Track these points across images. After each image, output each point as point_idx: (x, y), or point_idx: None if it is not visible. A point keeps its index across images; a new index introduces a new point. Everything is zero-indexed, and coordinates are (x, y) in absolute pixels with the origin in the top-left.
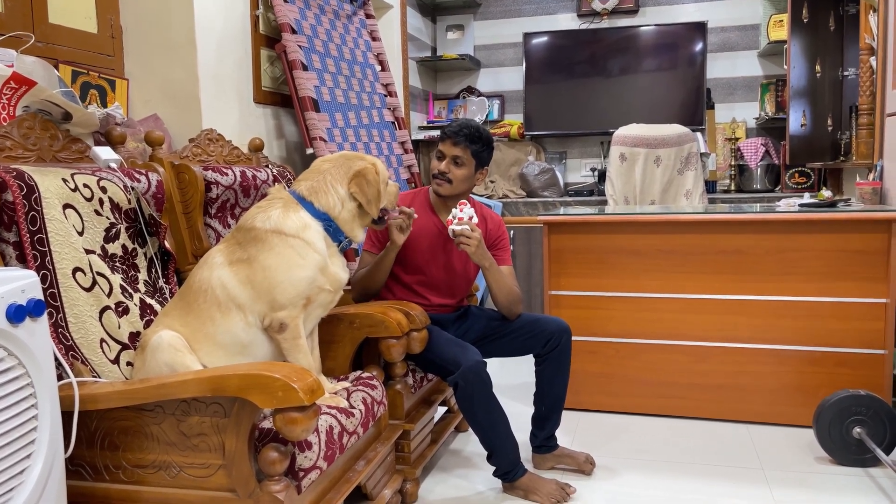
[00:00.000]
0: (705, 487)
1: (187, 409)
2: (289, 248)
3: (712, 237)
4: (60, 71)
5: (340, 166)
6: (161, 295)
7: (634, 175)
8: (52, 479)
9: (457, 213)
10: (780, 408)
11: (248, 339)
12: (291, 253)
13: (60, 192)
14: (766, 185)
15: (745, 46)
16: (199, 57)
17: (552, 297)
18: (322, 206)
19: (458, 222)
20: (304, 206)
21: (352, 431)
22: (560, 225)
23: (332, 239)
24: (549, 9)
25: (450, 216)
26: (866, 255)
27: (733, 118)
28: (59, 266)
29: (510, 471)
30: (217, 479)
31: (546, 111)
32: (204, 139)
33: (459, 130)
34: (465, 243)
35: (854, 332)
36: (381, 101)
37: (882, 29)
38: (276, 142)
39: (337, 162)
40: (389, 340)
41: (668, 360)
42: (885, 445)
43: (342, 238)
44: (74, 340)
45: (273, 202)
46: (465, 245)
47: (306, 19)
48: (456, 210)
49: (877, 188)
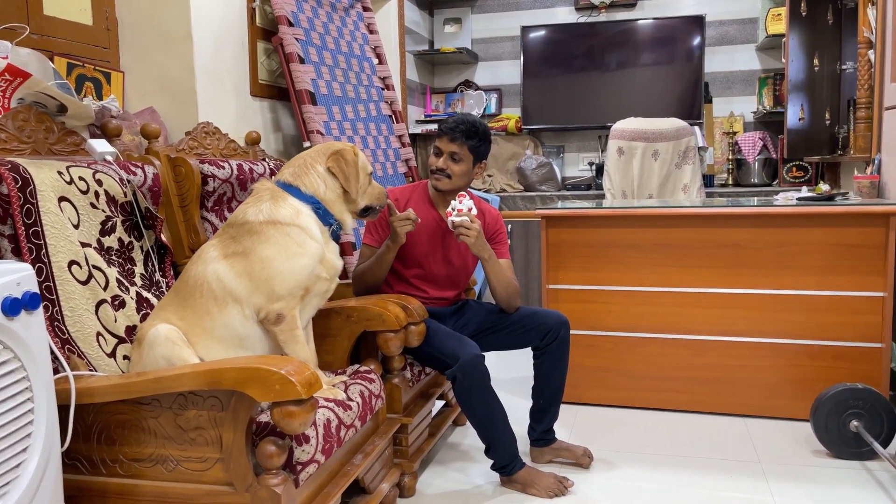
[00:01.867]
0: (703, 481)
1: (184, 402)
2: (286, 236)
3: (710, 231)
4: (55, 63)
5: (319, 150)
6: (158, 288)
7: (632, 169)
8: (48, 472)
9: (455, 204)
10: (778, 401)
11: (245, 332)
12: (289, 241)
13: (56, 184)
14: (763, 179)
15: (743, 40)
16: (195, 50)
17: (550, 290)
18: (308, 189)
19: (457, 214)
20: (291, 193)
21: (349, 425)
22: (558, 219)
23: (323, 222)
24: (546, 2)
25: (448, 208)
26: (864, 249)
27: (731, 112)
28: (54, 259)
29: (508, 464)
30: (214, 473)
31: (544, 105)
32: (200, 132)
33: (456, 126)
34: (464, 234)
35: (851, 325)
36: (379, 95)
37: (880, 22)
38: (273, 135)
39: (317, 148)
40: (387, 334)
41: (666, 353)
42: (882, 439)
43: (332, 221)
44: (70, 334)
45: (261, 195)
46: (465, 236)
47: (303, 12)
48: (455, 202)
49: (875, 182)
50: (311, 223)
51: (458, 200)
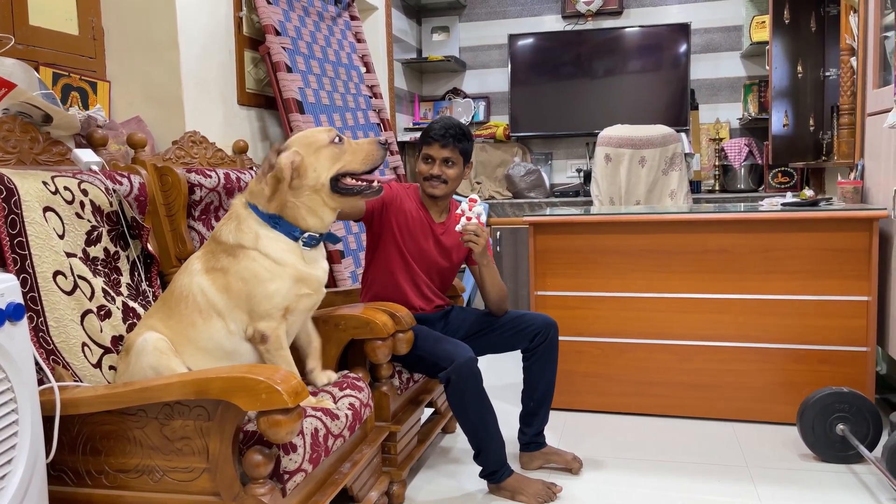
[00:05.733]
0: (691, 485)
1: (170, 412)
2: (252, 261)
3: (697, 237)
4: (41, 73)
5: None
6: (144, 298)
7: (619, 175)
8: (33, 484)
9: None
10: (765, 405)
11: (231, 346)
12: (256, 266)
13: (40, 194)
14: (749, 184)
15: (728, 47)
16: (181, 59)
17: (538, 297)
18: (263, 206)
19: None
20: (254, 212)
21: (337, 434)
22: (546, 225)
23: (288, 237)
24: (533, 10)
25: (458, 210)
26: (848, 254)
27: (717, 119)
28: (39, 269)
29: (497, 471)
30: (201, 483)
31: (532, 112)
32: (187, 141)
33: (446, 132)
34: (473, 241)
35: (837, 329)
36: (367, 103)
37: (862, 30)
38: (261, 144)
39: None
40: (375, 342)
41: (654, 359)
42: (868, 442)
43: (296, 233)
44: (55, 344)
45: (230, 214)
46: (473, 243)
47: (290, 21)
48: (465, 206)
49: (858, 187)
50: (273, 247)
51: (469, 207)
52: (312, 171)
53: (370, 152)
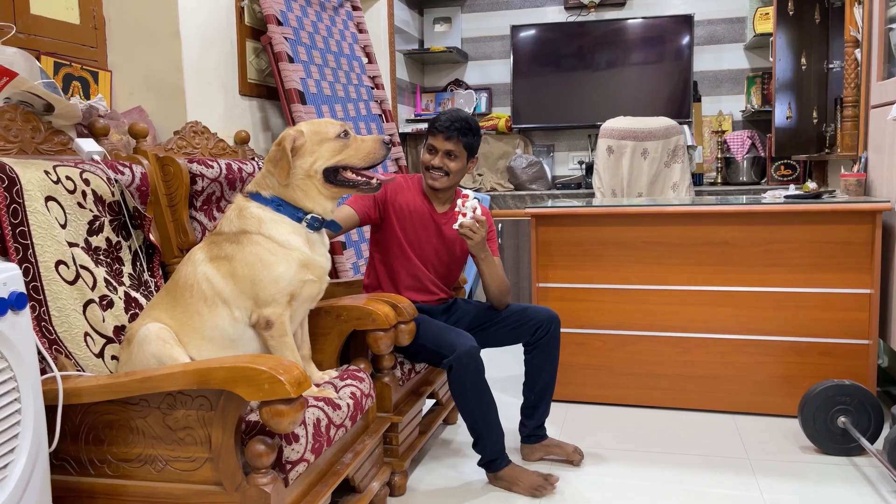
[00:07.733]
0: (692, 477)
1: (173, 402)
2: (257, 245)
3: (699, 229)
4: (42, 62)
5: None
6: (146, 288)
7: (622, 168)
8: (36, 473)
9: (460, 206)
10: (766, 398)
11: (235, 334)
12: (261, 250)
13: (42, 184)
14: (752, 177)
15: (731, 39)
16: (183, 49)
17: (540, 289)
18: (266, 190)
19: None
20: (256, 200)
21: (339, 424)
22: (547, 217)
23: (293, 219)
24: (536, 1)
25: (457, 208)
26: (851, 246)
27: (720, 111)
28: (41, 259)
29: (494, 459)
30: (203, 473)
31: (534, 104)
32: (189, 131)
33: (451, 125)
34: (469, 236)
35: (839, 322)
36: (368, 94)
37: (867, 21)
38: (263, 134)
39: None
40: (377, 333)
41: (655, 351)
42: (870, 434)
43: (300, 214)
44: (58, 334)
45: (229, 208)
46: (467, 237)
47: (292, 11)
48: (459, 203)
49: (861, 180)
50: (277, 230)
51: (462, 202)
52: (310, 155)
53: (372, 150)
